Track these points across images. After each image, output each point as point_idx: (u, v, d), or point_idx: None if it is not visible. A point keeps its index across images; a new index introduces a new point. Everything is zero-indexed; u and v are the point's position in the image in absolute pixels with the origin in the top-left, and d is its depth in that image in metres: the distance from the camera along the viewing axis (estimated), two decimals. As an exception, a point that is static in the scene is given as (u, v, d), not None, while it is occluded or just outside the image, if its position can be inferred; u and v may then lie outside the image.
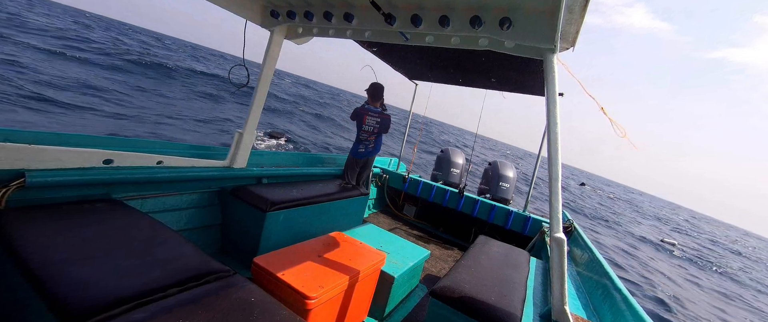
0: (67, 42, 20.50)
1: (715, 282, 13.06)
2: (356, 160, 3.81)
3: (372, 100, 3.72)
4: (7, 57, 12.33)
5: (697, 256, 18.16)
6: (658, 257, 14.36)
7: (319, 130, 18.62)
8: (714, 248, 25.59)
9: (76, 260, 1.13)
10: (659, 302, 7.85)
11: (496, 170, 5.32)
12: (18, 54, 13.50)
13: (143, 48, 29.28)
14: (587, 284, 2.32)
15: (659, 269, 12.02)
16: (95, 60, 17.57)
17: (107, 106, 10.60)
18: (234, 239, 2.40)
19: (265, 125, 14.86)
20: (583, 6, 1.37)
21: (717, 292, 11.51)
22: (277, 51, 2.46)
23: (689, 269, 13.91)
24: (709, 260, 18.24)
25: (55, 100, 9.47)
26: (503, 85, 3.39)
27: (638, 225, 24.46)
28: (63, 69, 13.69)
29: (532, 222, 3.85)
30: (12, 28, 19.74)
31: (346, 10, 1.97)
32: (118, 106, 11.16)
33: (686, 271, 13.41)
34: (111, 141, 2.00)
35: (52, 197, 1.57)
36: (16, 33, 18.24)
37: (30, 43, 16.46)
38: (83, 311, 0.92)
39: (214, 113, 14.65)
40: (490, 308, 1.53)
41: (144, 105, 12.41)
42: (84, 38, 23.70)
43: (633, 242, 15.83)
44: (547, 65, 1.50)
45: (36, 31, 21.16)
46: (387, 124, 3.79)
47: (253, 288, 1.25)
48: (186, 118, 12.42)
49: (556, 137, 1.44)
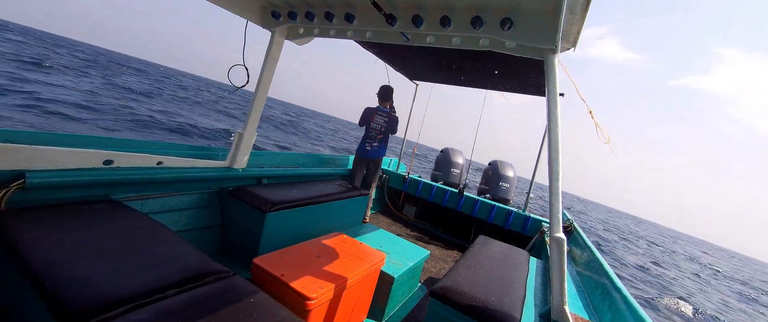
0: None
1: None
2: (363, 158, 3.86)
3: (381, 100, 3.83)
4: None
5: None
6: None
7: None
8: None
9: (76, 261, 1.13)
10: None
11: (496, 170, 5.32)
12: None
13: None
14: (587, 284, 2.31)
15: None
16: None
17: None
18: (234, 240, 2.39)
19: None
20: (584, 6, 1.36)
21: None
22: (278, 52, 2.46)
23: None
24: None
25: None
26: (504, 85, 3.39)
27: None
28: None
29: (531, 222, 3.85)
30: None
31: (347, 10, 1.97)
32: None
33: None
34: (111, 142, 1.99)
35: (53, 197, 1.57)
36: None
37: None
38: (83, 312, 0.92)
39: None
40: (490, 308, 1.53)
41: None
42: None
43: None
44: (548, 65, 1.50)
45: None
46: (394, 125, 3.86)
47: (252, 289, 1.25)
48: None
49: (556, 137, 1.44)
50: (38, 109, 10.02)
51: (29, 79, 14.57)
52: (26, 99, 10.85)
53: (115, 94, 17.63)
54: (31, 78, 15.12)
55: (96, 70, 27.76)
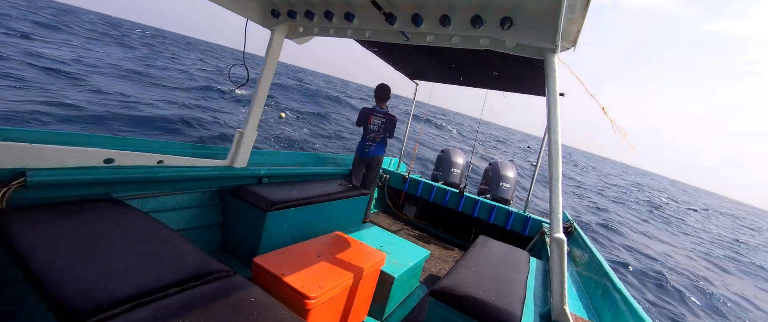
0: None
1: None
2: (362, 158, 3.87)
3: (379, 101, 3.85)
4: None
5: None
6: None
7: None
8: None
9: (76, 260, 1.13)
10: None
11: (496, 170, 5.32)
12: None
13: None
14: (587, 284, 2.31)
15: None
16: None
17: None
18: (234, 239, 2.40)
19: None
20: (584, 5, 1.36)
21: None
22: (278, 50, 2.46)
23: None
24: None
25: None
26: (504, 84, 3.39)
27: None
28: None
29: (532, 222, 3.85)
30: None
31: (346, 9, 1.97)
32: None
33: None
34: (112, 140, 2.00)
35: (53, 196, 1.57)
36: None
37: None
38: (83, 311, 0.92)
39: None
40: (490, 308, 1.53)
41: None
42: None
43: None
44: (548, 65, 1.49)
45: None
46: (392, 125, 3.87)
47: (253, 288, 1.25)
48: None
49: (556, 138, 1.43)
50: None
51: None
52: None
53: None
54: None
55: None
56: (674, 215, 23.36)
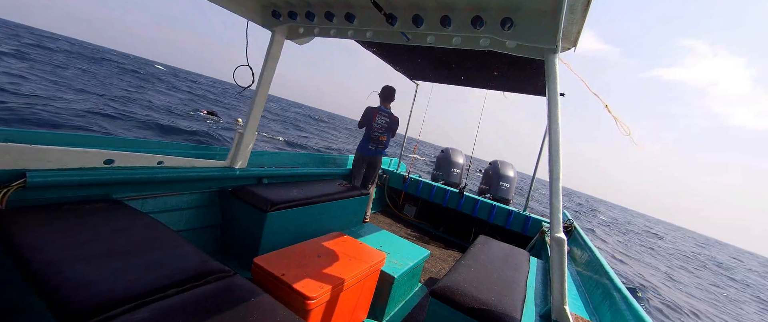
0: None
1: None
2: (364, 157, 3.88)
3: (383, 100, 3.90)
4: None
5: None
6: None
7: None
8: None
9: (76, 260, 1.13)
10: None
11: (496, 170, 5.32)
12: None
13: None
14: (587, 284, 2.31)
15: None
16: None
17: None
18: (234, 240, 2.40)
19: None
20: (585, 6, 1.36)
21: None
22: (278, 51, 2.46)
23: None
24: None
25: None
26: (504, 85, 3.39)
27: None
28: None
29: (532, 222, 3.85)
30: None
31: (347, 10, 1.97)
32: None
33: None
34: (112, 141, 2.00)
35: (53, 197, 1.57)
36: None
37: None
38: (83, 311, 0.92)
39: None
40: (490, 308, 1.53)
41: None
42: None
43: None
44: (549, 65, 1.50)
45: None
46: (395, 125, 3.91)
47: (253, 288, 1.25)
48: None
49: (557, 137, 1.44)
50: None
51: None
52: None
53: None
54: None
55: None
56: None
